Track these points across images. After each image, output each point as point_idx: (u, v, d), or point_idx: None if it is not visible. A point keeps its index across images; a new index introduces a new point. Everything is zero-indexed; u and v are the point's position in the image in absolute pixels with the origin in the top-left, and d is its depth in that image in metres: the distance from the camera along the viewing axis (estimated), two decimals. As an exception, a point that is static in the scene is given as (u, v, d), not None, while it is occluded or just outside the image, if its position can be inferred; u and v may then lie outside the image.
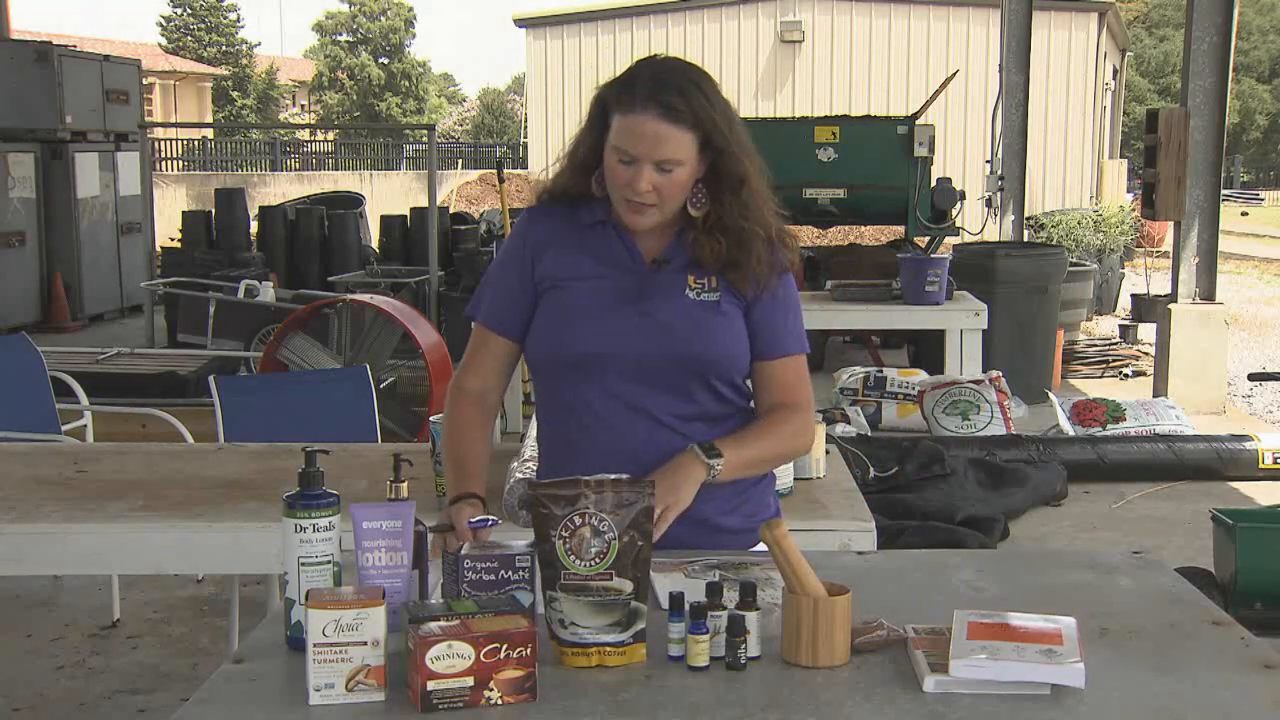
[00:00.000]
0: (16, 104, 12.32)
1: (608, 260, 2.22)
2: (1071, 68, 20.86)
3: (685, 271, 2.22)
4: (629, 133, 2.11)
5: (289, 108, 46.71)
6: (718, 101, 2.16)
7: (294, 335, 6.52)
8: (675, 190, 2.15)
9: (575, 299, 2.21)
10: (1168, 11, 50.22)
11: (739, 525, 2.29)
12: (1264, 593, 4.36)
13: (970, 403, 7.22)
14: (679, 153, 2.12)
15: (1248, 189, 43.62)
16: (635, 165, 2.11)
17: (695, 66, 2.20)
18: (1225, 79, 8.42)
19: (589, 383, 2.20)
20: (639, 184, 2.12)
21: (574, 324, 2.20)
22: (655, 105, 2.10)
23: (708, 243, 2.20)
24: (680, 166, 2.13)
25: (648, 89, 2.10)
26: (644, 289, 2.20)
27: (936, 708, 1.66)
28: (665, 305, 2.20)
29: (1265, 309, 14.51)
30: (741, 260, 2.20)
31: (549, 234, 2.26)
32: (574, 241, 2.24)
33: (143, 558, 3.00)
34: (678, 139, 2.11)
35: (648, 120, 2.10)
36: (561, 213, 2.26)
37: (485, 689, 1.65)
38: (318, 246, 12.86)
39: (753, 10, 21.31)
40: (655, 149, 2.10)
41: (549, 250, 2.24)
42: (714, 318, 2.21)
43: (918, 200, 10.73)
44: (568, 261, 2.23)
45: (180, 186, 22.27)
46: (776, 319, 2.26)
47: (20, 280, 12.22)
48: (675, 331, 2.18)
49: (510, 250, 2.29)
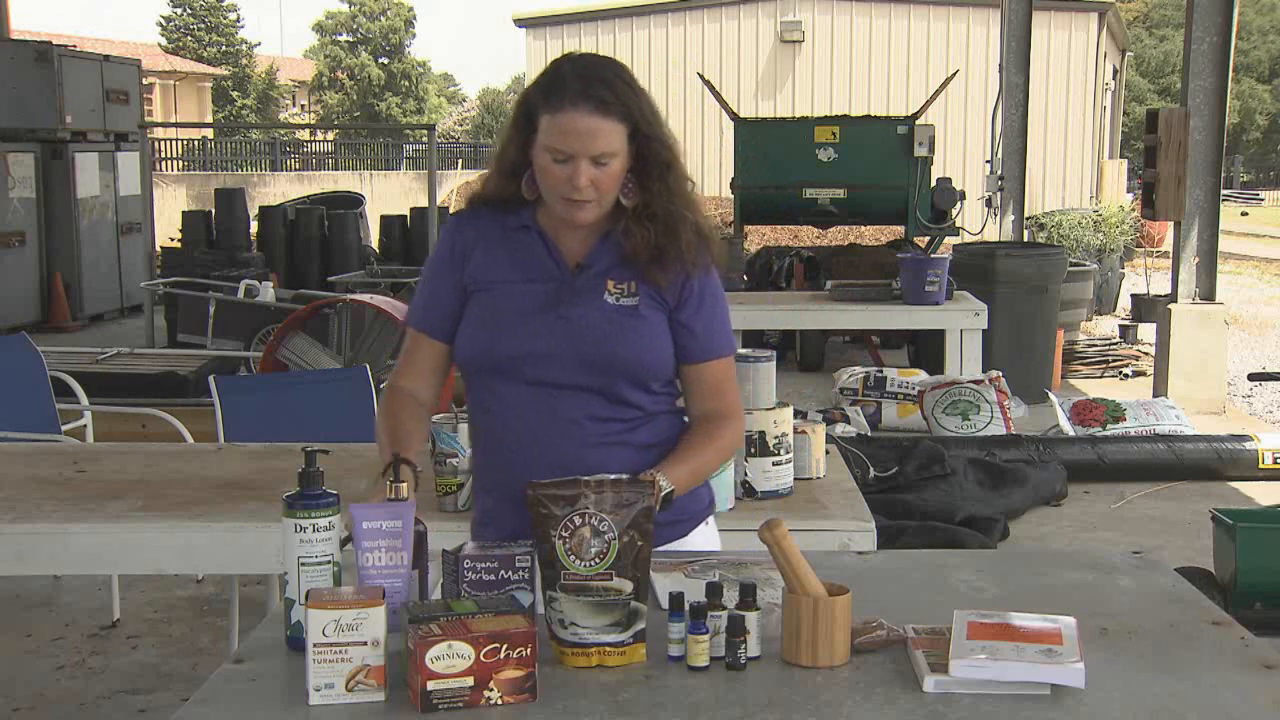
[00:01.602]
0: (16, 104, 12.32)
1: (531, 266, 2.24)
2: (1071, 68, 20.85)
3: (605, 276, 2.23)
4: (562, 131, 2.12)
5: (289, 108, 46.72)
6: (639, 90, 2.19)
7: (294, 335, 6.52)
8: (611, 182, 2.17)
9: (499, 302, 2.23)
10: (1168, 11, 50.22)
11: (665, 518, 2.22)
12: (1264, 593, 4.35)
13: (970, 403, 7.22)
14: (612, 145, 2.14)
15: (1248, 189, 43.62)
16: (571, 163, 2.13)
17: (615, 60, 2.23)
18: (1225, 79, 8.42)
19: (512, 385, 2.22)
20: (578, 180, 2.13)
21: (497, 327, 2.22)
22: (585, 101, 2.11)
23: (638, 230, 2.21)
24: (614, 158, 2.15)
25: (576, 86, 2.12)
26: (563, 294, 2.22)
27: (936, 708, 1.66)
28: (583, 310, 2.21)
29: (1265, 309, 14.51)
30: (669, 248, 2.22)
31: (476, 237, 2.27)
32: (500, 245, 2.26)
33: (143, 558, 3.00)
34: (610, 131, 2.13)
35: (580, 116, 2.11)
36: (489, 216, 2.28)
37: (485, 689, 1.65)
38: (318, 246, 12.88)
39: (753, 10, 21.30)
40: (590, 144, 2.12)
41: (476, 253, 2.26)
42: (632, 321, 2.22)
43: (918, 200, 10.73)
44: (493, 265, 2.25)
45: (180, 186, 22.27)
46: (704, 321, 2.27)
47: (20, 280, 12.22)
48: (591, 335, 2.20)
49: (439, 255, 2.31)
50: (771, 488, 3.06)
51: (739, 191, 11.08)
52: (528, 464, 2.14)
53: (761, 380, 3.03)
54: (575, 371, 2.20)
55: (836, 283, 7.94)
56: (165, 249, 12.66)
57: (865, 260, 9.84)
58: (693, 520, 2.32)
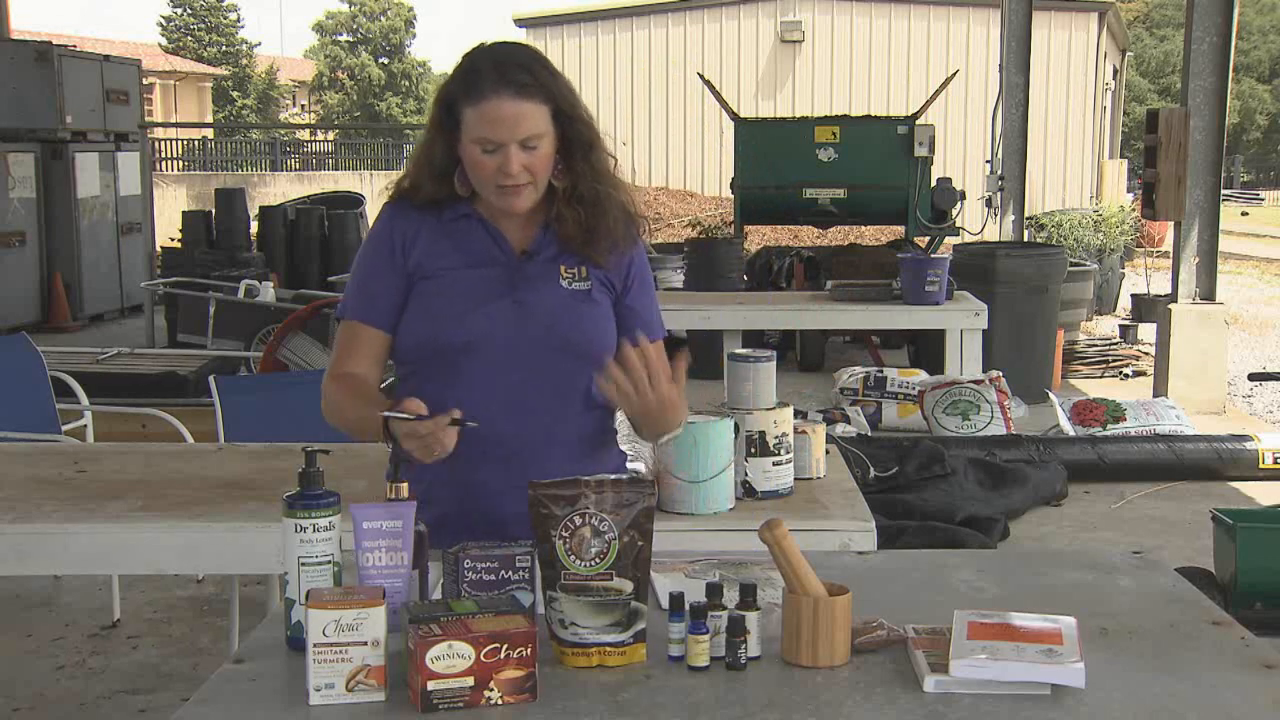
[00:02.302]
0: (16, 104, 12.32)
1: (477, 253, 2.23)
2: (1071, 68, 20.85)
3: (556, 262, 2.24)
4: (487, 120, 2.12)
5: (289, 108, 46.72)
6: (555, 72, 2.20)
7: (294, 335, 6.52)
8: (543, 164, 2.17)
9: (446, 289, 2.21)
10: (1168, 11, 50.21)
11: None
12: (1264, 593, 4.35)
13: (970, 403, 7.22)
14: (538, 126, 2.14)
15: (1248, 189, 43.60)
16: (501, 150, 2.13)
17: (525, 44, 2.25)
18: (1225, 79, 8.42)
19: (459, 374, 2.20)
20: (510, 167, 2.13)
21: (446, 313, 2.20)
22: (506, 87, 2.12)
23: (569, 213, 2.22)
24: (542, 139, 2.15)
25: (493, 75, 2.12)
26: (515, 279, 2.22)
27: (936, 708, 1.66)
28: (539, 294, 2.22)
29: (1265, 309, 14.51)
30: (598, 227, 2.23)
31: (415, 226, 2.25)
32: (443, 235, 2.25)
33: (143, 558, 3.00)
34: (534, 114, 2.13)
35: (503, 103, 2.11)
36: (420, 210, 2.26)
37: (485, 689, 1.65)
38: (318, 246, 12.87)
39: (753, 10, 21.29)
40: (516, 129, 2.12)
41: (419, 242, 2.24)
42: (586, 305, 2.24)
43: (918, 200, 10.73)
44: (437, 253, 2.23)
45: (180, 186, 22.27)
46: (645, 303, 2.31)
47: (20, 280, 12.22)
48: (549, 319, 2.20)
49: (376, 244, 2.28)
50: (771, 488, 3.05)
51: (739, 191, 11.08)
52: (479, 457, 2.14)
53: (761, 380, 3.03)
54: (531, 356, 2.19)
55: (836, 283, 7.94)
56: (165, 249, 12.66)
57: (865, 260, 9.84)
58: None
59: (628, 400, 2.10)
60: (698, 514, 2.77)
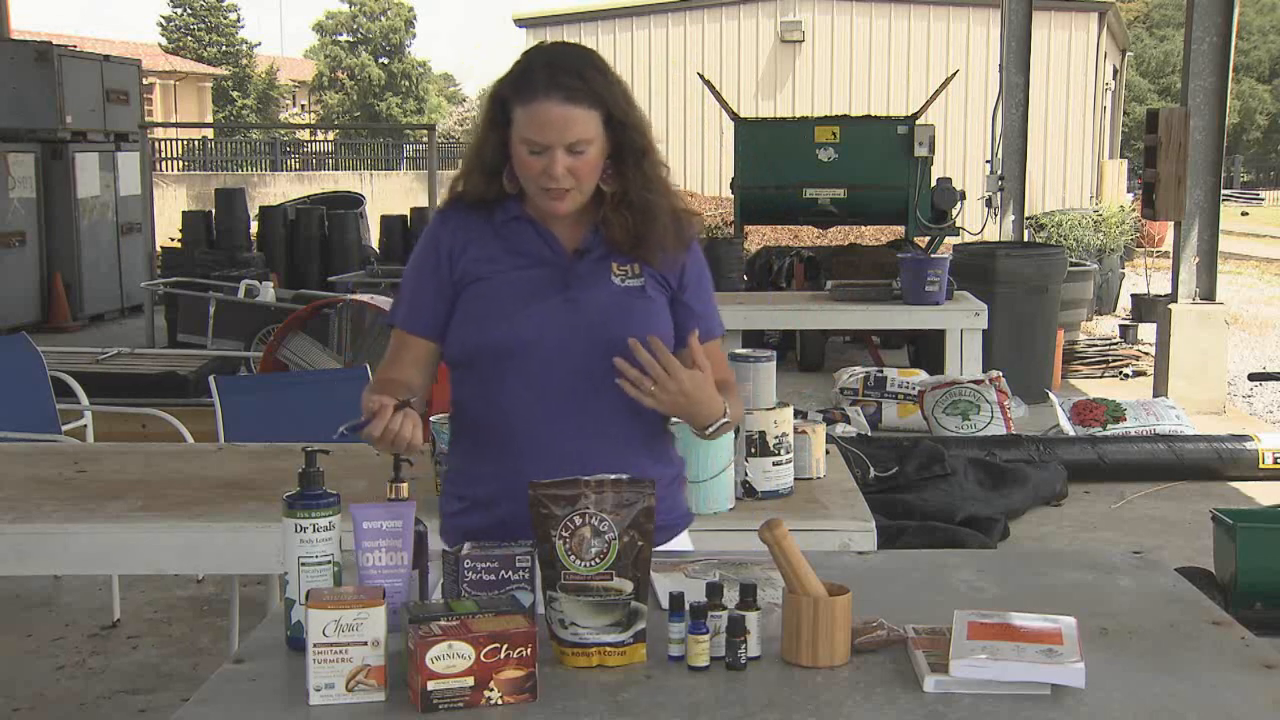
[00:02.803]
0: (16, 104, 12.32)
1: (528, 253, 2.22)
2: (1071, 68, 20.85)
3: (608, 260, 2.23)
4: (535, 122, 2.12)
5: (289, 108, 46.71)
6: (612, 77, 2.19)
7: (294, 335, 6.52)
8: (589, 170, 2.16)
9: (498, 290, 2.20)
10: (1168, 11, 50.20)
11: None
12: (1264, 593, 4.35)
13: (970, 403, 7.22)
14: (587, 132, 2.13)
15: (1248, 189, 43.60)
16: (547, 153, 2.12)
17: (584, 47, 2.23)
18: (1225, 79, 8.42)
19: (511, 375, 2.18)
20: (554, 170, 2.13)
21: (498, 313, 2.19)
22: (556, 90, 2.11)
23: (616, 219, 2.21)
24: (590, 145, 2.15)
25: (545, 76, 2.12)
26: (568, 278, 2.21)
27: (936, 708, 1.66)
28: (592, 292, 2.20)
29: (1265, 309, 14.51)
30: (648, 234, 2.22)
31: (465, 232, 2.25)
32: (492, 237, 2.24)
33: (143, 558, 3.00)
34: (583, 119, 2.13)
35: (552, 106, 2.11)
36: (475, 212, 2.26)
37: (485, 689, 1.65)
38: (318, 246, 12.87)
39: (753, 10, 21.30)
40: (564, 133, 2.12)
41: (467, 248, 2.23)
42: (640, 301, 2.22)
43: (918, 200, 10.73)
44: (487, 256, 2.22)
45: (180, 186, 22.28)
46: (703, 301, 2.30)
47: (20, 280, 12.22)
48: (603, 317, 2.18)
49: (424, 253, 2.28)
50: (772, 488, 3.06)
51: (739, 191, 11.07)
52: (528, 460, 2.12)
53: (762, 380, 3.04)
54: (584, 356, 2.17)
55: (836, 283, 7.94)
56: (165, 249, 12.66)
57: (865, 260, 9.84)
58: (677, 528, 2.33)
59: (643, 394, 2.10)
60: (698, 514, 2.77)
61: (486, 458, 2.22)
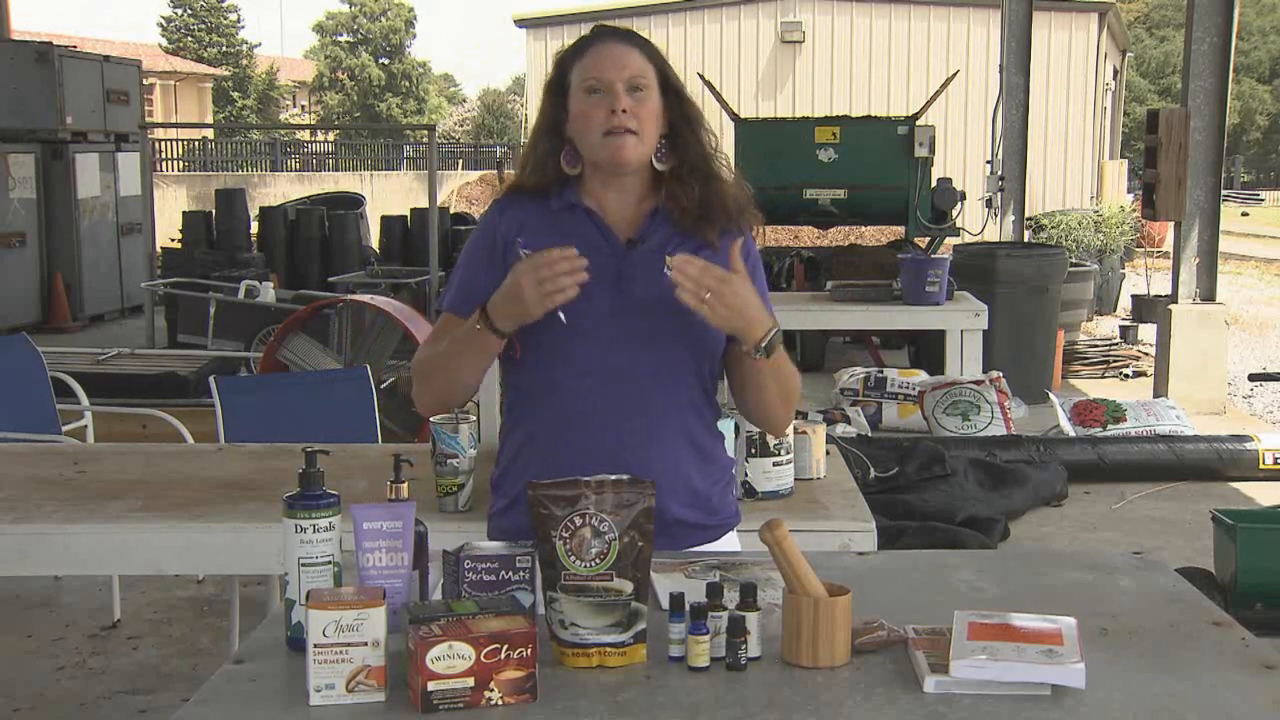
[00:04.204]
0: (17, 104, 12.33)
1: (582, 242, 2.19)
2: (1072, 68, 20.86)
3: (663, 250, 2.20)
4: (595, 62, 2.19)
5: (289, 108, 46.73)
6: (664, 56, 2.27)
7: (294, 336, 6.51)
8: (649, 116, 2.19)
9: None
10: (1168, 11, 50.22)
11: (695, 519, 2.26)
12: (1264, 593, 4.36)
13: (970, 403, 7.22)
14: (645, 73, 2.20)
15: (1248, 189, 43.62)
16: (607, 92, 2.16)
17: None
18: (1225, 79, 8.42)
19: (565, 365, 2.18)
20: (617, 104, 2.15)
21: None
22: (614, 37, 2.23)
23: (681, 190, 2.23)
24: (648, 91, 2.19)
25: (603, 31, 2.24)
26: (622, 268, 2.20)
27: (936, 708, 1.66)
28: (645, 284, 2.18)
29: (1265, 309, 14.51)
30: (713, 200, 2.24)
31: (520, 221, 2.25)
32: (546, 226, 2.23)
33: (143, 558, 3.00)
34: (641, 63, 2.20)
35: (612, 46, 2.21)
36: (531, 201, 2.27)
37: (486, 689, 1.65)
38: (318, 247, 12.87)
39: (753, 10, 21.31)
40: (623, 68, 2.18)
41: (522, 236, 2.22)
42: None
43: (918, 200, 10.73)
44: (541, 244, 2.19)
45: (180, 187, 22.28)
46: (759, 290, 2.26)
47: (20, 280, 12.22)
48: (656, 309, 2.16)
49: (480, 239, 2.28)
50: (772, 488, 3.06)
51: (739, 192, 11.05)
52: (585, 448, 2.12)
53: (762, 380, 3.03)
54: (637, 347, 2.17)
55: (836, 283, 7.94)
56: (165, 249, 12.66)
57: (865, 260, 9.84)
58: (725, 527, 2.33)
59: (700, 302, 2.05)
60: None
61: (532, 457, 2.22)
